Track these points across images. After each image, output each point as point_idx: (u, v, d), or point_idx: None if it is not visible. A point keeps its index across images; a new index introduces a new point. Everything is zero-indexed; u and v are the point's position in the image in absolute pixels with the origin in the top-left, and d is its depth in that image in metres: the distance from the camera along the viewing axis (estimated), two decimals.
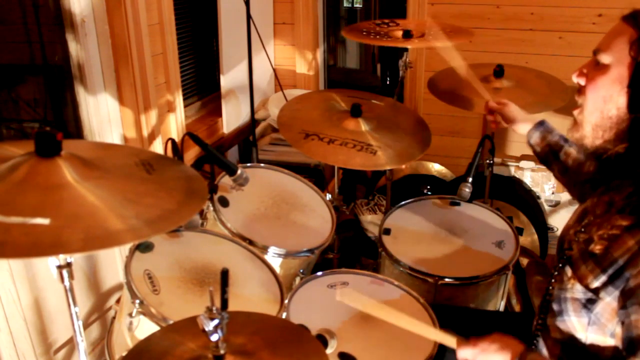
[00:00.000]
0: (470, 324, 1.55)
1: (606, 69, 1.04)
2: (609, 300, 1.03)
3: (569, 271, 1.13)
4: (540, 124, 1.53)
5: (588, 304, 1.07)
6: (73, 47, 1.98)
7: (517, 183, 2.79)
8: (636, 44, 0.99)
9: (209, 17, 2.77)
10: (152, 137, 2.23)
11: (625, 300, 1.00)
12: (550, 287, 1.20)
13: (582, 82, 1.11)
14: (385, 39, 2.05)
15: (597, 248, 1.06)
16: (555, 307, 1.16)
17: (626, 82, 1.01)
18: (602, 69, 1.05)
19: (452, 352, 1.23)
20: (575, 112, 1.13)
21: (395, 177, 2.78)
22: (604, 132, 1.07)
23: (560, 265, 1.17)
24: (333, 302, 1.52)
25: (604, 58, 1.04)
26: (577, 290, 1.09)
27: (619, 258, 1.01)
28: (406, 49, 2.30)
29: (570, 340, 1.13)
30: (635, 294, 0.98)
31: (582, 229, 1.15)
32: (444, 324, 1.43)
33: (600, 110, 1.06)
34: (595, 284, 1.05)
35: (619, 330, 1.03)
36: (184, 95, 2.54)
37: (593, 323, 1.07)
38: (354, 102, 1.88)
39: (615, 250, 1.02)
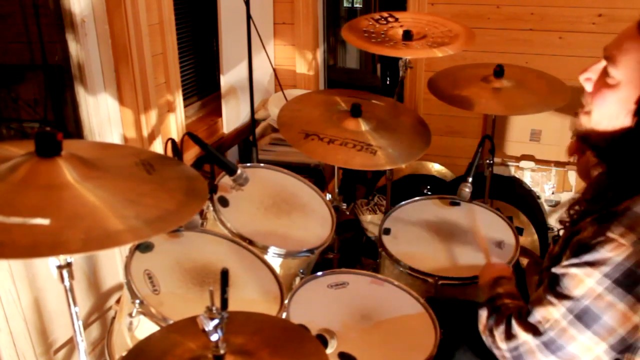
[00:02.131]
0: (470, 318, 1.55)
1: (616, 86, 1.03)
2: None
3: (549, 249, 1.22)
4: None
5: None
6: (73, 47, 1.98)
7: (517, 183, 2.78)
8: None
9: (209, 17, 2.77)
10: (152, 137, 2.23)
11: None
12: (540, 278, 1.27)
13: (589, 88, 1.09)
14: (385, 42, 2.04)
15: (564, 233, 1.14)
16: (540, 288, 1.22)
17: (634, 106, 1.00)
18: (612, 85, 1.03)
19: (454, 352, 1.24)
20: (581, 112, 1.12)
21: (395, 177, 2.78)
22: (606, 139, 1.09)
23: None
24: (333, 302, 1.52)
25: (614, 73, 1.02)
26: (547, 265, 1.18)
27: (576, 229, 1.08)
28: None
29: None
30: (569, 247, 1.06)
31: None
32: (444, 319, 1.44)
33: (605, 125, 1.07)
34: (558, 250, 1.13)
35: None
36: (184, 95, 2.54)
37: None
38: (354, 102, 1.88)
39: (583, 231, 1.06)
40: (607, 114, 1.05)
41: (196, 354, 0.94)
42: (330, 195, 1.98)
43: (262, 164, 2.00)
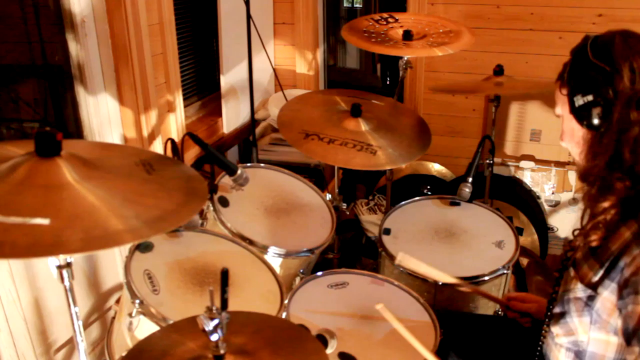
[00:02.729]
0: (472, 329, 1.55)
1: (562, 117, 1.19)
2: (606, 295, 1.05)
3: (572, 272, 1.16)
4: None
5: (589, 302, 1.09)
6: (73, 47, 1.98)
7: (517, 183, 2.78)
8: (562, 86, 1.16)
9: (209, 17, 2.77)
10: (152, 137, 2.23)
11: (622, 291, 1.02)
12: (554, 292, 1.22)
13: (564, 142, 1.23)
14: (385, 42, 2.04)
15: (593, 239, 1.09)
16: (558, 309, 1.18)
17: (570, 113, 1.14)
18: (561, 120, 1.20)
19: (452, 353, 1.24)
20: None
21: (395, 177, 2.78)
22: (588, 156, 1.14)
23: (563, 267, 1.20)
24: (333, 302, 1.52)
25: (557, 110, 1.21)
26: (578, 289, 1.12)
27: (615, 250, 1.04)
28: None
29: (574, 344, 1.15)
30: (630, 283, 1.00)
31: (579, 229, 1.18)
32: (445, 329, 1.43)
33: (575, 143, 1.17)
34: (594, 279, 1.07)
35: (620, 324, 1.04)
36: (184, 95, 2.54)
37: (595, 321, 1.08)
38: (354, 102, 1.88)
39: (612, 244, 1.05)
40: (570, 136, 1.17)
41: (196, 354, 0.94)
42: (330, 195, 1.98)
43: (262, 164, 2.00)
